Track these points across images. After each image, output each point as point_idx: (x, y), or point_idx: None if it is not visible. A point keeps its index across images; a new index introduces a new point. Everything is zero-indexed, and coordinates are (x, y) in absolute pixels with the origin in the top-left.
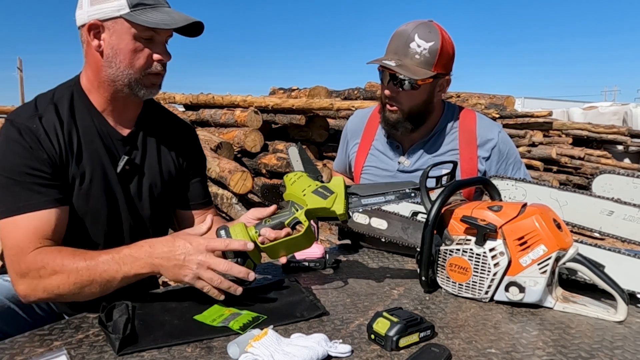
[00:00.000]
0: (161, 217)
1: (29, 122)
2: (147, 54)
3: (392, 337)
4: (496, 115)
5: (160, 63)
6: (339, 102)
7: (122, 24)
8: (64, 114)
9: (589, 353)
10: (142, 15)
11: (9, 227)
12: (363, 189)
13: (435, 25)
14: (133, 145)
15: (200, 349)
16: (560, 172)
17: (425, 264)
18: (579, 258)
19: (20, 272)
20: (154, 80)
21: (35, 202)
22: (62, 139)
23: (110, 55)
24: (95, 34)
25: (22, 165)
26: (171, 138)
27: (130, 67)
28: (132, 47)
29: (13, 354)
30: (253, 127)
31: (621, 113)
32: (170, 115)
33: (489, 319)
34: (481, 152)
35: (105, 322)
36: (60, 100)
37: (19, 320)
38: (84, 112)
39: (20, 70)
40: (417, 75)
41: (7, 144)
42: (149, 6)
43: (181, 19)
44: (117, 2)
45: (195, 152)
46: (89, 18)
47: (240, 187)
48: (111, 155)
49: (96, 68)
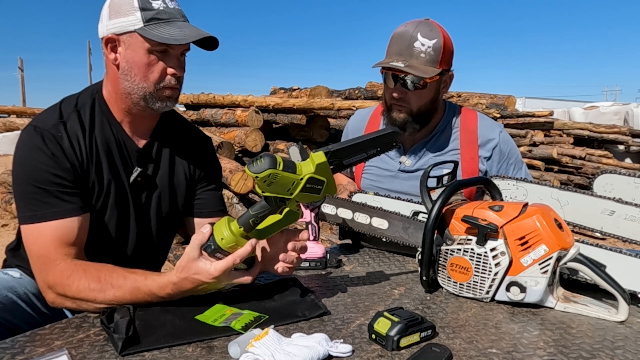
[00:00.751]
0: (167, 229)
1: (54, 129)
2: (161, 67)
3: (393, 336)
4: (497, 115)
5: (174, 77)
6: (340, 101)
7: (136, 38)
8: (86, 123)
9: (590, 353)
10: (155, 30)
11: (34, 234)
12: (342, 152)
13: (433, 22)
14: (147, 157)
15: (201, 349)
16: (562, 172)
17: (426, 264)
18: (580, 258)
19: (47, 283)
20: (168, 94)
21: (61, 209)
22: (84, 147)
23: (126, 69)
24: (112, 48)
25: (46, 173)
26: (186, 150)
27: (144, 81)
28: (146, 61)
29: (14, 353)
30: (254, 126)
31: (622, 113)
32: (187, 125)
33: (490, 318)
34: (482, 152)
35: (107, 323)
36: (83, 107)
37: (22, 311)
38: (104, 122)
39: (21, 70)
40: (426, 73)
41: (32, 151)
42: (163, 21)
43: (192, 34)
44: (132, 17)
45: (210, 162)
46: (107, 31)
47: (241, 186)
48: (126, 166)
49: (114, 80)
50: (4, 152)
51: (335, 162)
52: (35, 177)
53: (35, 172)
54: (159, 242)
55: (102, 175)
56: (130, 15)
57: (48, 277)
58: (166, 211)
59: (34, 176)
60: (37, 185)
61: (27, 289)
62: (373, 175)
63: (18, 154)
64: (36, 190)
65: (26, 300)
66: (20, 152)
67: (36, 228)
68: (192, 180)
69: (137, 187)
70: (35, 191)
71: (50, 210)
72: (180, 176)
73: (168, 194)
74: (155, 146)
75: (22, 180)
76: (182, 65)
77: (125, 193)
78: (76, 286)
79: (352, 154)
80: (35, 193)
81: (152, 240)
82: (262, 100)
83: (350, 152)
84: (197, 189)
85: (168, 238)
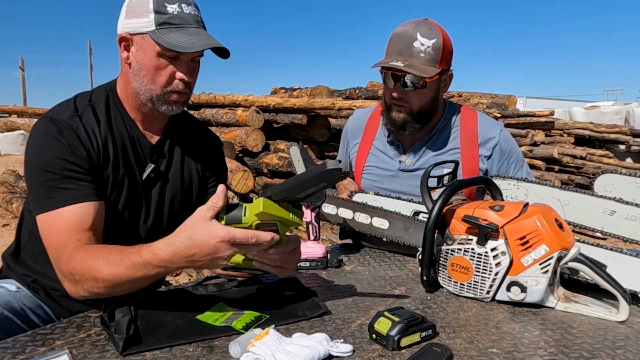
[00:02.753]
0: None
1: (70, 120)
2: (169, 71)
3: (394, 336)
4: (498, 114)
5: (183, 82)
6: (341, 101)
7: (147, 40)
8: (101, 117)
9: (590, 353)
10: (165, 35)
11: (49, 222)
12: (284, 193)
13: (432, 22)
14: (160, 153)
15: (202, 349)
16: (562, 172)
17: (426, 264)
18: (580, 258)
19: (62, 273)
20: (175, 98)
21: (76, 194)
22: (100, 140)
23: (136, 69)
24: (125, 46)
25: (62, 161)
26: (196, 147)
27: (152, 83)
28: (155, 63)
29: (15, 352)
30: (254, 126)
31: (623, 112)
32: (197, 124)
33: (491, 318)
34: (483, 151)
35: (108, 322)
36: (98, 103)
37: (17, 329)
38: (118, 118)
39: (22, 70)
40: (426, 73)
41: (47, 140)
42: (175, 26)
43: (200, 43)
44: (146, 19)
45: (218, 162)
46: (122, 30)
47: (242, 186)
48: (139, 162)
49: (126, 78)
50: (5, 152)
51: (287, 199)
52: (50, 164)
53: (51, 160)
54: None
55: (117, 170)
56: (144, 16)
57: (62, 265)
58: (178, 207)
59: (49, 164)
60: (52, 171)
61: (23, 304)
62: (373, 175)
63: (32, 145)
64: (51, 177)
65: (22, 316)
66: (34, 142)
67: (52, 216)
68: (203, 178)
69: (150, 183)
70: (51, 178)
71: (66, 195)
72: (192, 173)
73: (180, 190)
74: (168, 143)
75: (37, 169)
76: (191, 71)
77: (139, 189)
78: (80, 267)
79: (295, 192)
80: (50, 180)
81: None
82: (262, 100)
83: (292, 192)
84: (206, 187)
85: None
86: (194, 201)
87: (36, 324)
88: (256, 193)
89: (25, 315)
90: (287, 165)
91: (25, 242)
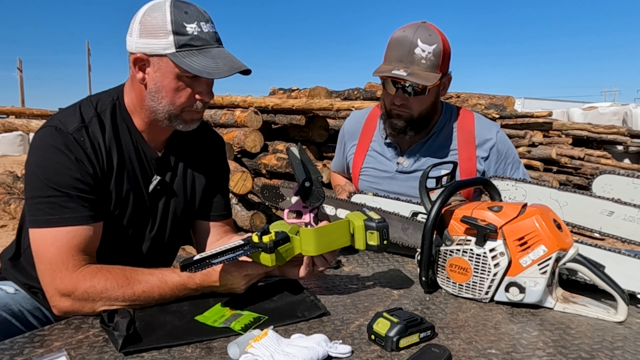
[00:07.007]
0: (181, 232)
1: (77, 133)
2: (189, 93)
3: (392, 337)
4: (496, 115)
5: (202, 102)
6: (339, 102)
7: (167, 62)
8: (108, 129)
9: (589, 353)
10: (187, 58)
11: (48, 238)
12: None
13: (431, 26)
14: (166, 165)
15: (201, 350)
16: (560, 173)
17: (425, 265)
18: (579, 258)
19: (61, 290)
20: (193, 117)
21: (79, 215)
22: (105, 153)
23: (153, 90)
24: (140, 67)
25: (69, 177)
26: (201, 154)
27: (171, 104)
28: (174, 85)
29: (13, 354)
30: (253, 127)
31: (621, 113)
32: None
33: (489, 319)
34: (480, 152)
35: (107, 322)
36: (104, 112)
37: (16, 331)
38: (125, 130)
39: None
40: (428, 80)
41: (54, 153)
42: (196, 48)
43: (226, 68)
44: (164, 40)
45: (221, 165)
46: (136, 49)
47: (240, 187)
48: (144, 174)
49: (140, 96)
50: (3, 153)
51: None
52: (54, 180)
53: (57, 176)
54: (172, 244)
55: (122, 182)
56: (162, 38)
57: (61, 283)
58: (182, 217)
59: (53, 179)
60: (55, 188)
61: (22, 306)
62: (370, 176)
63: (36, 154)
64: (54, 194)
65: (20, 318)
66: (39, 152)
67: (51, 233)
68: (207, 186)
69: (156, 195)
70: (53, 194)
71: (69, 216)
72: (196, 182)
73: (184, 201)
74: (173, 154)
75: (40, 182)
76: (211, 91)
77: (144, 201)
78: (103, 285)
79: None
80: (52, 197)
81: (166, 243)
82: (261, 101)
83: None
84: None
85: (181, 240)
86: (196, 208)
87: (34, 325)
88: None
89: (24, 317)
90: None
91: (26, 247)
